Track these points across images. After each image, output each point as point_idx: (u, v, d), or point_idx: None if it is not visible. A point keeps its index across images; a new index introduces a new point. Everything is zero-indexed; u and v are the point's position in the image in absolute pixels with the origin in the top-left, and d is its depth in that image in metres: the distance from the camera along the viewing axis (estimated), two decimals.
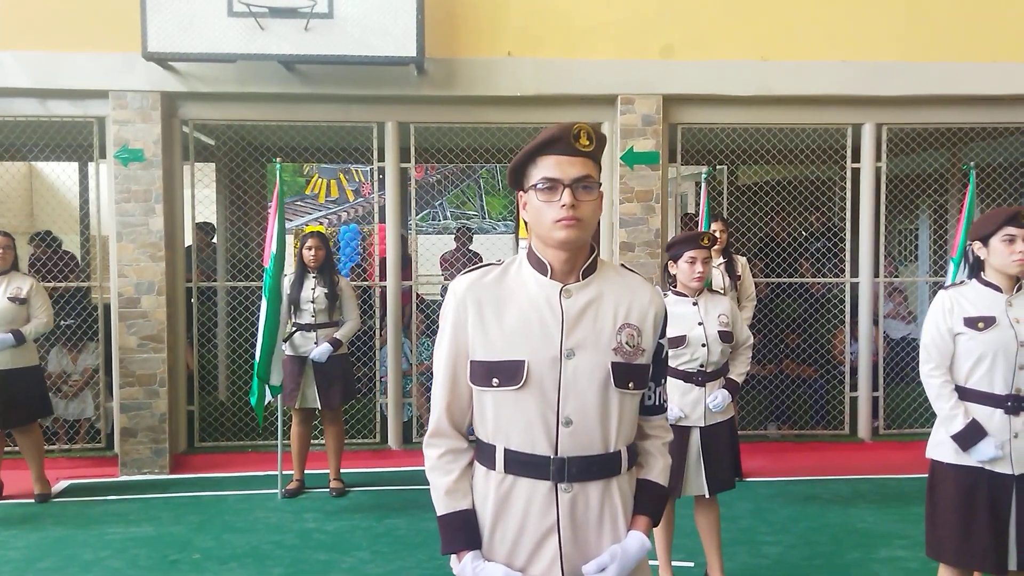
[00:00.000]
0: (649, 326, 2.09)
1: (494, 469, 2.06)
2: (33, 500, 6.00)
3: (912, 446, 6.57)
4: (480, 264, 2.16)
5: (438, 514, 2.10)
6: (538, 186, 2.00)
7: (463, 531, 2.07)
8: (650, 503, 2.14)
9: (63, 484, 6.42)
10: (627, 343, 2.05)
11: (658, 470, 2.17)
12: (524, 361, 2.01)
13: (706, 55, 6.75)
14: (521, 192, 2.08)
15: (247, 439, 7.18)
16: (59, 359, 7.24)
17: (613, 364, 2.02)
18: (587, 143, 2.00)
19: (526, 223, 2.08)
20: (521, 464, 2.03)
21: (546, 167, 1.99)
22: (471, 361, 2.07)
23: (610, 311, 2.06)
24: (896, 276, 8.41)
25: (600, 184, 2.05)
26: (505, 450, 2.04)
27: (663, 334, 2.15)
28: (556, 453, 2.01)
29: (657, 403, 2.19)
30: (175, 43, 6.10)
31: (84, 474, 6.69)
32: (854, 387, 7.30)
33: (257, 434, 7.09)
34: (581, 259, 2.07)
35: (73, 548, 5.13)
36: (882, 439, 7.22)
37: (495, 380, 2.03)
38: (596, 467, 2.03)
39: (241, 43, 6.12)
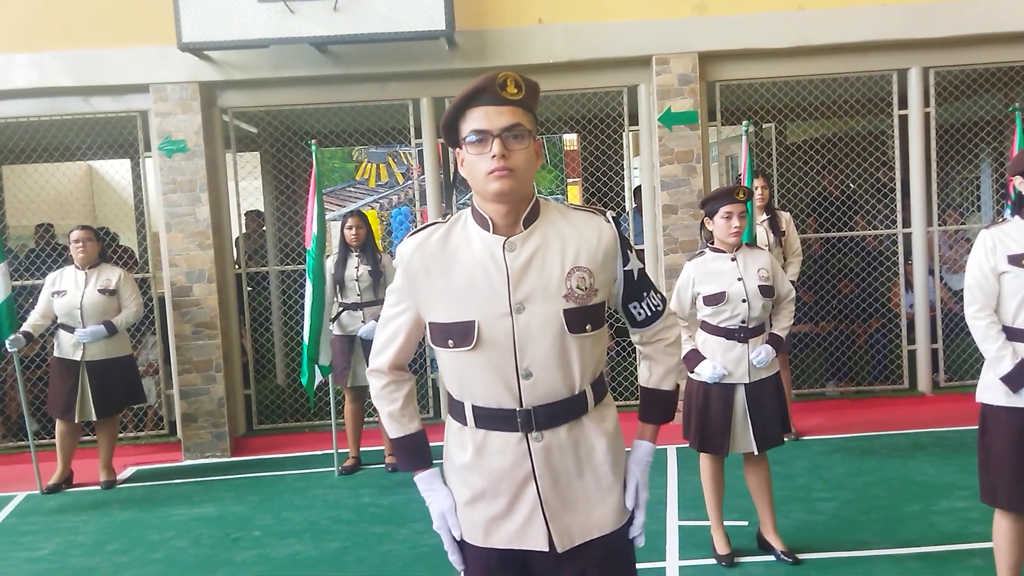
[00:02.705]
0: (600, 262, 2.06)
1: (466, 424, 2.10)
2: (100, 487, 6.18)
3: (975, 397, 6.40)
4: (426, 224, 2.15)
5: (390, 437, 2.20)
6: (468, 139, 1.98)
7: (414, 452, 2.18)
8: (653, 409, 2.22)
9: (129, 470, 6.62)
10: (578, 287, 2.02)
11: (658, 375, 2.22)
12: (474, 321, 2.01)
13: (741, 8, 6.61)
14: (458, 149, 2.05)
15: (304, 420, 7.31)
16: None
17: (565, 311, 2.01)
18: (515, 91, 1.97)
19: (465, 180, 2.06)
20: (490, 419, 2.06)
21: (475, 119, 1.97)
22: (429, 323, 2.10)
23: (557, 258, 2.03)
24: (958, 224, 8.15)
25: (534, 133, 2.00)
26: (473, 407, 2.07)
27: (626, 261, 2.11)
28: (521, 405, 2.03)
29: (647, 314, 2.19)
30: (208, 32, 6.18)
31: (149, 460, 6.89)
32: (912, 340, 7.13)
33: (314, 415, 7.20)
34: (522, 209, 2.05)
35: (139, 530, 5.29)
36: (944, 392, 7.05)
37: (450, 341, 2.04)
38: (563, 411, 2.05)
39: (272, 28, 6.18)
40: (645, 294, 2.17)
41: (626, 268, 2.12)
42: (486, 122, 1.95)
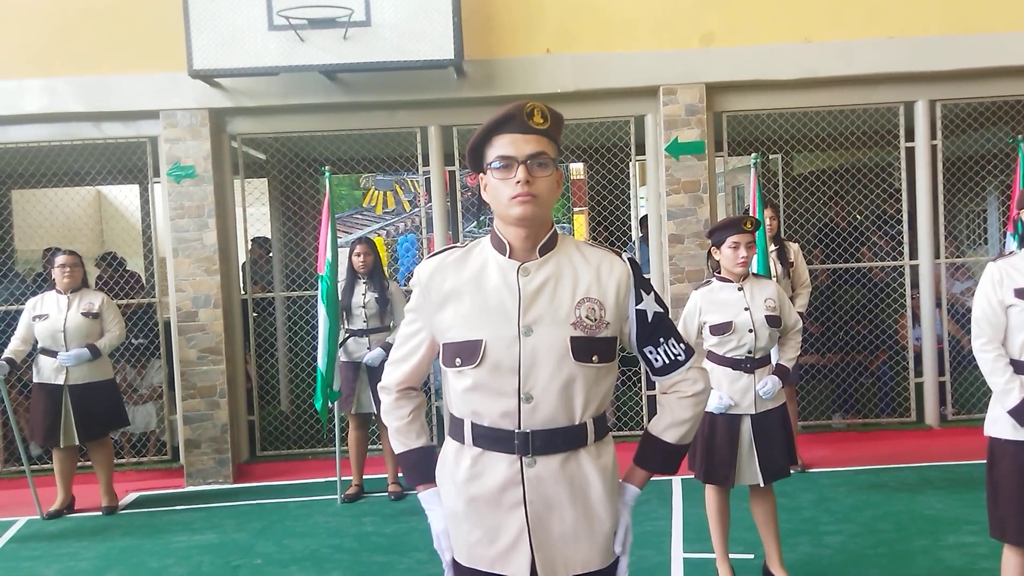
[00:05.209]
0: (611, 298, 2.10)
1: (463, 443, 2.11)
2: (101, 513, 6.15)
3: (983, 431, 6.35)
4: (445, 247, 2.22)
5: (395, 452, 2.28)
6: (494, 164, 2.04)
7: (419, 466, 2.24)
8: (648, 456, 2.20)
9: (131, 496, 6.58)
10: (587, 317, 2.06)
11: (664, 423, 2.19)
12: (482, 340, 2.04)
13: (748, 40, 6.65)
14: (481, 174, 2.11)
15: (307, 447, 7.27)
16: (125, 377, 7.42)
17: (572, 339, 2.04)
18: (541, 121, 2.04)
19: (487, 204, 2.11)
20: (488, 438, 2.08)
21: (501, 146, 2.04)
22: (443, 344, 2.12)
23: (568, 286, 2.08)
24: (959, 256, 8.14)
25: (556, 162, 2.07)
26: (473, 424, 2.09)
27: (639, 300, 2.13)
28: (519, 428, 2.05)
29: (666, 361, 2.17)
30: (219, 60, 6.23)
31: (152, 486, 6.85)
32: (920, 373, 7.10)
33: (317, 442, 7.17)
34: (540, 236, 2.10)
35: (140, 557, 5.25)
36: (951, 425, 6.99)
37: (458, 360, 2.08)
38: (560, 439, 2.07)
39: (283, 56, 6.23)
40: (663, 340, 2.16)
41: (638, 307, 2.12)
42: (512, 149, 2.01)
